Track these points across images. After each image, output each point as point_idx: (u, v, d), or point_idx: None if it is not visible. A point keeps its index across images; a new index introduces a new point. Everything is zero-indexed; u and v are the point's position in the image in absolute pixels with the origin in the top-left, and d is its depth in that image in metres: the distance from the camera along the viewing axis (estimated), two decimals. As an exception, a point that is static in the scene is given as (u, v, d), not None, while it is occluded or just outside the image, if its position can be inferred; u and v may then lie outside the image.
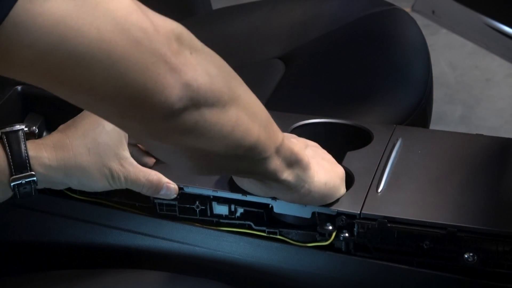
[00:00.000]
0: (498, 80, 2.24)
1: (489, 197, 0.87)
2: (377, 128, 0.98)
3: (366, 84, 1.29)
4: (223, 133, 0.69)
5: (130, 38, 0.59)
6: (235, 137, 0.71)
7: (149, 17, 0.62)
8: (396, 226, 0.84)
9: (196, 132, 0.67)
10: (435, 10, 1.30)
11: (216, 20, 1.48)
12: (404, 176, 0.90)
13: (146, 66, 0.61)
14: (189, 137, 0.68)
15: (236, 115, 0.70)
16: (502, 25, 1.17)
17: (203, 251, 0.93)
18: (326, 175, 0.85)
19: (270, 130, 0.76)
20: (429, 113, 1.29)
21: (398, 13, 1.41)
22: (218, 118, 0.68)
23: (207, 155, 0.71)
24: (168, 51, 0.62)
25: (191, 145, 0.69)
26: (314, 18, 1.43)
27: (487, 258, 0.83)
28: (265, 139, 0.75)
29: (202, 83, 0.65)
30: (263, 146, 0.75)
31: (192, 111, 0.65)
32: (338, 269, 0.89)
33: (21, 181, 0.83)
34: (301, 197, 0.84)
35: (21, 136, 0.85)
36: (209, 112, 0.67)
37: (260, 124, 0.74)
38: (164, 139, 0.68)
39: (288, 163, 0.80)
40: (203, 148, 0.70)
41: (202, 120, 0.66)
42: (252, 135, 0.72)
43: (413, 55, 1.34)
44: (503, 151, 0.94)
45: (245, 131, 0.71)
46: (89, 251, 0.98)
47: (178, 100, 0.63)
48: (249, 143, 0.72)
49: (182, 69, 0.63)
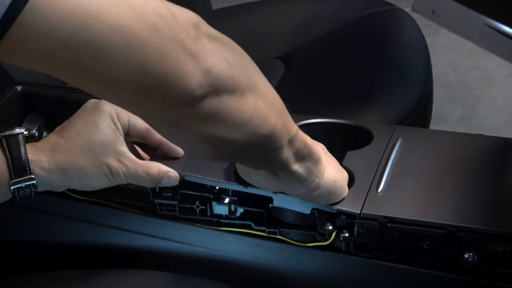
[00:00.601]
0: (498, 80, 2.24)
1: (489, 197, 0.87)
2: (377, 128, 0.98)
3: (366, 84, 1.29)
4: (242, 120, 0.69)
5: (148, 24, 0.59)
6: (253, 124, 0.71)
7: (166, 5, 0.62)
8: (396, 226, 0.84)
9: (216, 120, 0.67)
10: (435, 10, 1.30)
11: (216, 20, 1.48)
12: (404, 176, 0.90)
13: (165, 52, 0.61)
14: (208, 125, 0.67)
15: (255, 102, 0.70)
16: (502, 25, 1.17)
17: (203, 251, 0.93)
18: (336, 173, 0.85)
19: (286, 119, 0.76)
20: (429, 113, 1.29)
21: (398, 13, 1.41)
22: (238, 105, 0.68)
23: (224, 142, 0.71)
24: (187, 38, 0.62)
25: (210, 132, 0.68)
26: (314, 18, 1.43)
27: (487, 258, 0.83)
28: (281, 128, 0.75)
29: (222, 70, 0.65)
30: (279, 134, 0.75)
31: (212, 97, 0.65)
32: (338, 269, 0.89)
33: (20, 184, 0.83)
34: (309, 192, 0.83)
35: (21, 139, 0.84)
36: (229, 99, 0.67)
37: (277, 112, 0.74)
38: (184, 126, 0.67)
39: (301, 155, 0.80)
40: (221, 136, 0.69)
41: (222, 107, 0.66)
42: (269, 123, 0.72)
43: (413, 55, 1.34)
44: (503, 151, 0.94)
45: (262, 118, 0.71)
46: (89, 251, 0.98)
47: (199, 86, 0.63)
48: (266, 131, 0.72)
49: (201, 55, 0.63)
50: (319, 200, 0.85)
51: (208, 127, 0.68)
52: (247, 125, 0.70)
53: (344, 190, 0.87)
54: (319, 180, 0.83)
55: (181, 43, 0.62)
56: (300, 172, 0.80)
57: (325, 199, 0.85)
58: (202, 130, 0.68)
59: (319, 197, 0.84)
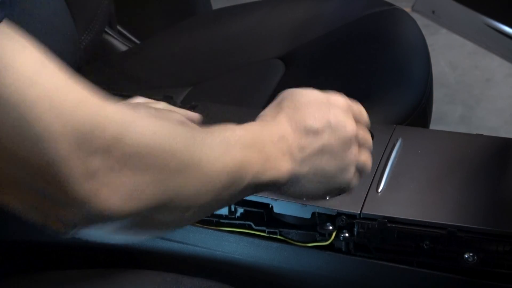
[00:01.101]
0: (498, 80, 2.24)
1: (489, 197, 0.87)
2: (377, 128, 0.98)
3: (366, 84, 1.29)
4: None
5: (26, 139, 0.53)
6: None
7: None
8: (396, 226, 0.84)
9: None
10: (435, 10, 1.30)
11: (216, 20, 1.48)
12: (404, 176, 0.90)
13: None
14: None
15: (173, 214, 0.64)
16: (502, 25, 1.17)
17: (203, 251, 0.93)
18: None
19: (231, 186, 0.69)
20: (429, 113, 1.29)
21: (398, 13, 1.41)
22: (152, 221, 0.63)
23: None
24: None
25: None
26: (314, 18, 1.43)
27: (487, 258, 0.83)
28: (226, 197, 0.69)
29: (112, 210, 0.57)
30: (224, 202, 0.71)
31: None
32: (338, 269, 0.89)
33: None
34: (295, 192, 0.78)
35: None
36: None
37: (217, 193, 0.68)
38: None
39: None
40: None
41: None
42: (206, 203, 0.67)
43: (413, 55, 1.34)
44: (503, 151, 0.94)
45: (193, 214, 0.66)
46: (89, 251, 0.98)
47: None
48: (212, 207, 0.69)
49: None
50: (312, 194, 0.80)
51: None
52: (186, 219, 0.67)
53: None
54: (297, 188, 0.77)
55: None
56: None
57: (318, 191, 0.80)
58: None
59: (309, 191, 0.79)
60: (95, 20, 1.38)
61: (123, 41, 1.58)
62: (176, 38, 1.45)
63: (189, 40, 1.43)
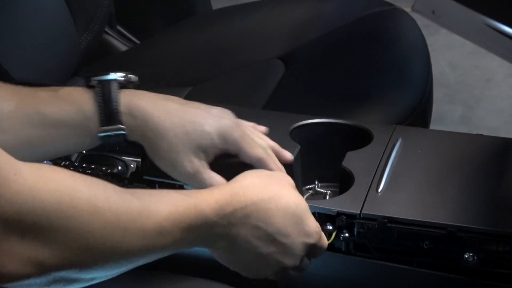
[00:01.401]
0: (498, 80, 2.24)
1: (489, 197, 0.87)
2: (377, 128, 0.98)
3: (366, 84, 1.29)
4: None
5: None
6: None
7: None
8: (396, 226, 0.84)
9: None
10: (435, 10, 1.30)
11: (216, 20, 1.48)
12: (404, 176, 0.90)
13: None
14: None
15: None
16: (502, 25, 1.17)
17: (203, 251, 0.93)
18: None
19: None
20: (429, 113, 1.29)
21: (398, 13, 1.41)
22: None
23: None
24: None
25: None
26: (314, 18, 1.43)
27: (487, 258, 0.83)
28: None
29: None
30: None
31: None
32: (338, 269, 0.89)
33: (109, 133, 0.82)
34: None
35: (114, 85, 0.83)
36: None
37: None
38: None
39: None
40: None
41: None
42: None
43: (413, 55, 1.34)
44: (503, 151, 0.94)
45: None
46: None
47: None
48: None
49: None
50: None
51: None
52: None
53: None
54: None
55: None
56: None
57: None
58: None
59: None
60: (95, 20, 1.38)
61: (123, 41, 1.58)
62: (176, 38, 1.45)
63: (189, 40, 1.43)
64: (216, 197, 0.75)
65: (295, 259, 0.80)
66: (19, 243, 0.60)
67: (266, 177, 0.80)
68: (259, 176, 0.80)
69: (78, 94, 0.83)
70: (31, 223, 0.60)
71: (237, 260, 0.80)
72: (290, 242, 0.78)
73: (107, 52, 1.54)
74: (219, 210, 0.74)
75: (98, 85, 0.83)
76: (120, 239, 0.66)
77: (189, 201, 0.72)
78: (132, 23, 1.66)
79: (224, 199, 0.75)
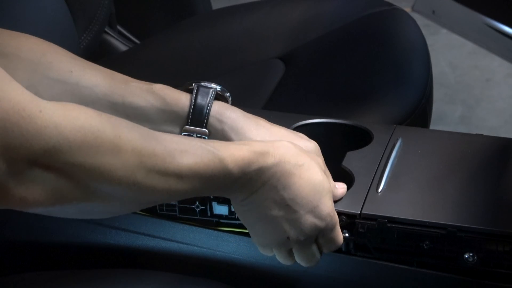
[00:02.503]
0: (498, 80, 2.24)
1: (489, 197, 0.87)
2: (377, 128, 0.98)
3: (366, 84, 1.29)
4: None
5: None
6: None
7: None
8: (396, 226, 0.84)
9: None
10: (435, 10, 1.31)
11: (216, 20, 1.48)
12: (404, 176, 0.90)
13: None
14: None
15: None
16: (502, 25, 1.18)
17: (203, 251, 0.93)
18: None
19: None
20: (429, 113, 1.29)
21: (398, 13, 1.41)
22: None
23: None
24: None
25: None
26: (314, 18, 1.43)
27: (487, 258, 0.83)
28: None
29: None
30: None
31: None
32: (338, 269, 0.89)
33: (192, 134, 0.85)
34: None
35: (211, 93, 0.86)
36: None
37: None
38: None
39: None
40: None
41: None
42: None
43: (413, 55, 1.34)
44: (503, 151, 0.94)
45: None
46: (89, 251, 0.98)
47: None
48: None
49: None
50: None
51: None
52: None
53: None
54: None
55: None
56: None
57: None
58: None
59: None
60: (95, 20, 1.38)
61: (123, 41, 1.58)
62: (176, 38, 1.45)
63: (189, 40, 1.43)
64: (244, 154, 0.76)
65: (301, 234, 0.81)
66: (45, 175, 0.63)
67: (301, 148, 0.82)
68: (296, 145, 0.82)
69: (172, 92, 0.87)
70: (55, 159, 0.63)
71: (248, 216, 0.82)
72: (300, 215, 0.80)
73: (107, 52, 1.54)
74: (244, 167, 0.76)
75: (196, 88, 0.87)
76: (141, 180, 0.68)
77: (215, 155, 0.74)
78: (132, 23, 1.66)
79: (251, 157, 0.76)
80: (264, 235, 0.83)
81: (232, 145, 0.77)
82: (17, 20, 1.18)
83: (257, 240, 0.84)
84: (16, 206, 0.64)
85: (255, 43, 1.39)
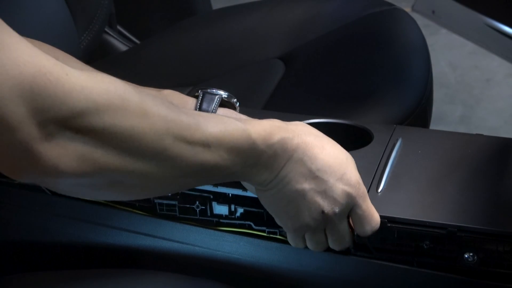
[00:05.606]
0: (498, 80, 2.24)
1: (489, 197, 0.87)
2: (377, 128, 0.98)
3: (366, 84, 1.29)
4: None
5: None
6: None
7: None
8: (396, 226, 0.84)
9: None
10: (435, 10, 1.31)
11: (216, 20, 1.48)
12: (404, 176, 0.90)
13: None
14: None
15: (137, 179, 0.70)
16: (502, 25, 1.18)
17: (203, 251, 0.93)
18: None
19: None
20: (429, 113, 1.29)
21: (398, 13, 1.41)
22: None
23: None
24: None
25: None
26: (314, 18, 1.43)
27: (487, 258, 0.83)
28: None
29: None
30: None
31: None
32: (338, 269, 0.89)
33: None
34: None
35: (216, 100, 0.87)
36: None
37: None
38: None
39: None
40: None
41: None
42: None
43: (413, 55, 1.34)
44: (503, 151, 0.94)
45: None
46: (89, 251, 0.98)
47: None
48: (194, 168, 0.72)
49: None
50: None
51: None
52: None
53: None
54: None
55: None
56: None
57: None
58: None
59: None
60: (95, 20, 1.38)
61: (123, 41, 1.58)
62: (176, 38, 1.45)
63: (189, 40, 1.43)
64: (265, 125, 0.77)
65: (335, 203, 0.80)
66: (74, 140, 0.63)
67: (322, 134, 0.83)
68: (317, 131, 0.83)
69: (179, 98, 0.88)
70: (84, 122, 0.63)
71: (277, 200, 0.81)
72: (331, 183, 0.80)
73: (107, 52, 1.55)
74: (266, 137, 0.76)
75: (202, 94, 0.87)
76: (169, 147, 0.68)
77: (238, 124, 0.75)
78: (132, 23, 1.66)
79: (272, 129, 0.77)
80: (298, 215, 0.81)
81: (252, 119, 0.78)
82: (17, 20, 1.18)
83: (291, 224, 0.83)
84: (48, 174, 0.63)
85: (255, 43, 1.39)
